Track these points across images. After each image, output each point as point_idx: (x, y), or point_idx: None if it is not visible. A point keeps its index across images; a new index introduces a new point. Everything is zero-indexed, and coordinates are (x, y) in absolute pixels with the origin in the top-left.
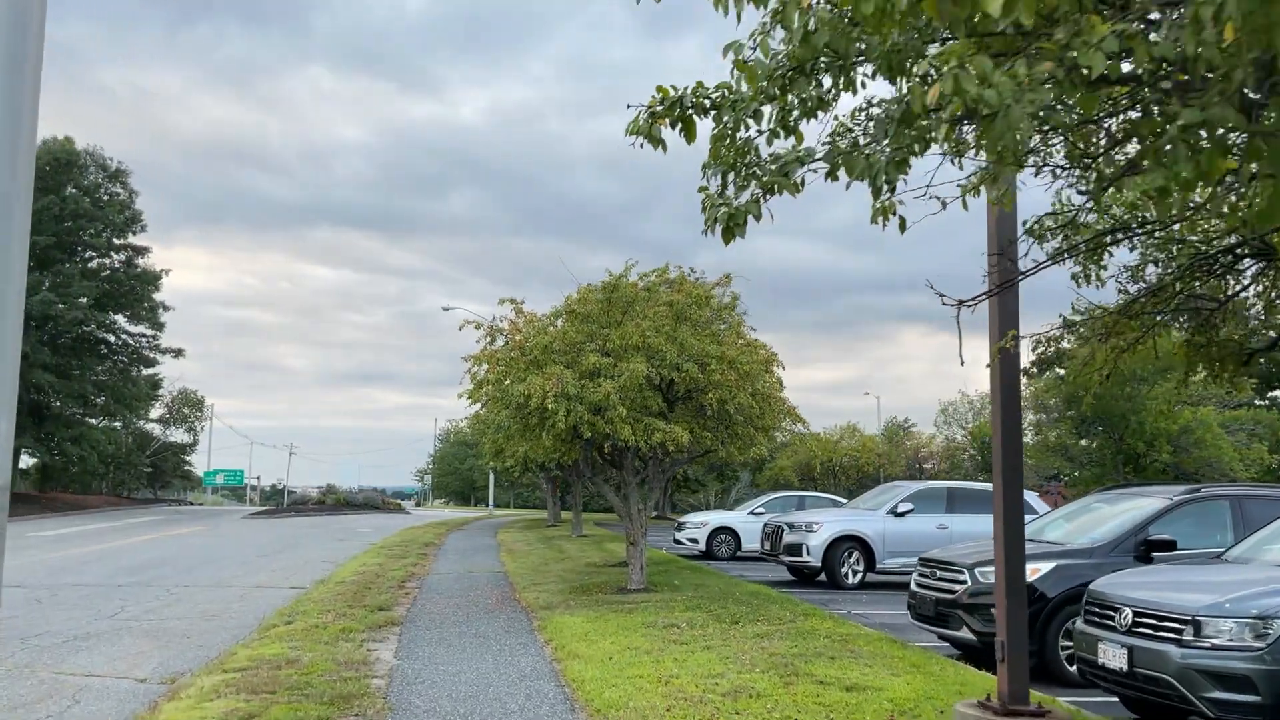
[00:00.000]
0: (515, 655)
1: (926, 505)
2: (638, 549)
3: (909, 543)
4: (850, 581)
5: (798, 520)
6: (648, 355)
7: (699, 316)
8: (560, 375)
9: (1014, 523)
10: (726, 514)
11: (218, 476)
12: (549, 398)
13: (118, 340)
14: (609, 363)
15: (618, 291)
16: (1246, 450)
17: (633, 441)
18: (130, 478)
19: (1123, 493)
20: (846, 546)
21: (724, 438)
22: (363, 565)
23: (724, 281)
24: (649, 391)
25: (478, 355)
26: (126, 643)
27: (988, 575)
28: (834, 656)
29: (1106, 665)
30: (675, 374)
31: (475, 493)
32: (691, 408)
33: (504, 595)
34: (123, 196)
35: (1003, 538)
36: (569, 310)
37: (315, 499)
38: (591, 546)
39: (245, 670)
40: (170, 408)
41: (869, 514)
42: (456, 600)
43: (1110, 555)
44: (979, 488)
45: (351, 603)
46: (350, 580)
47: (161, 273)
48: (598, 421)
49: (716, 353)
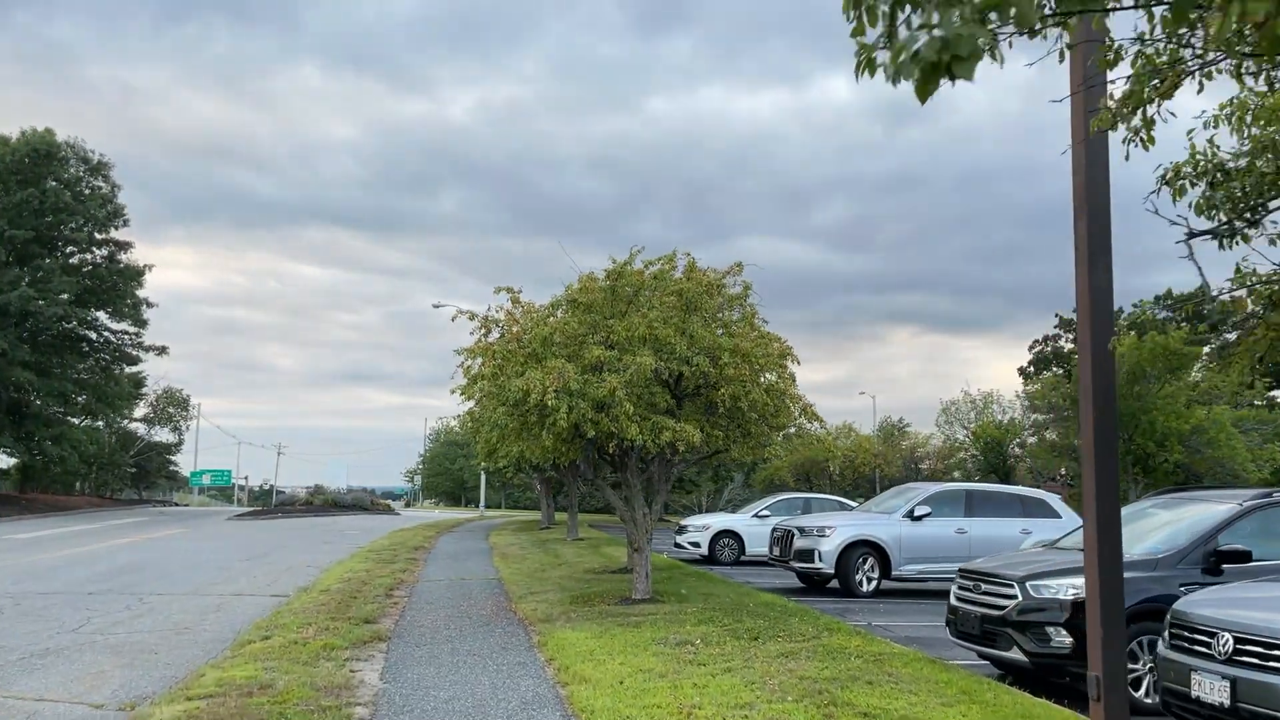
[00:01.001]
0: (514, 677)
1: (944, 508)
2: (642, 556)
3: (926, 548)
4: (865, 589)
5: (809, 524)
6: (655, 348)
7: (710, 306)
8: (562, 369)
9: (1109, 538)
10: (729, 516)
11: (204, 477)
12: (549, 393)
13: (99, 337)
14: (614, 356)
15: (623, 280)
16: (1259, 450)
17: (640, 441)
18: (113, 478)
19: (1179, 496)
20: (861, 552)
21: (736, 437)
22: (349, 571)
23: (735, 270)
24: (656, 387)
25: (472, 348)
26: (88, 660)
27: (1040, 590)
28: (872, 681)
29: (1202, 699)
30: (685, 368)
31: (466, 493)
32: (700, 405)
33: (499, 605)
34: (105, 190)
35: (1096, 555)
36: (570, 300)
37: (303, 500)
38: (589, 551)
39: (212, 697)
40: (155, 407)
41: (884, 518)
42: (448, 611)
43: (1177, 567)
44: (999, 490)
45: (335, 614)
46: (335, 588)
47: (144, 268)
48: (602, 419)
49: (729, 345)
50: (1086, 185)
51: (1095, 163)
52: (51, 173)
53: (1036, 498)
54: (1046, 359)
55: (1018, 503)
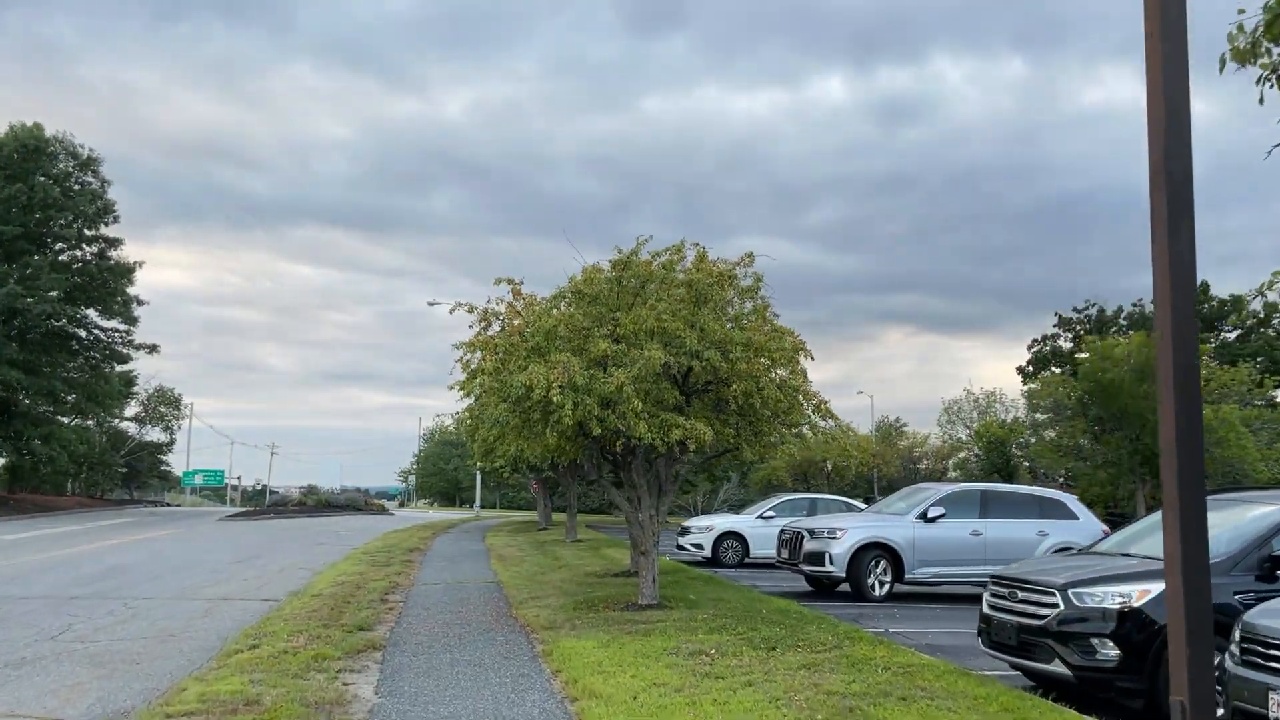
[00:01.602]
0: (520, 691)
1: (959, 509)
2: (649, 559)
3: (941, 551)
4: (877, 593)
5: (819, 526)
6: (664, 342)
7: (720, 299)
8: (567, 364)
9: (1194, 542)
10: (733, 517)
11: (196, 477)
12: (554, 389)
13: (89, 335)
14: (620, 350)
15: (629, 270)
16: (1269, 450)
17: (649, 439)
18: (104, 478)
19: (1223, 498)
20: (873, 555)
21: (747, 435)
22: (342, 574)
23: (746, 261)
24: (664, 383)
25: (471, 341)
26: (65, 670)
27: (1084, 598)
28: (905, 697)
29: None
30: (695, 363)
31: (461, 493)
32: (709, 402)
33: (499, 611)
34: (95, 186)
35: (1180, 562)
36: (575, 291)
37: (296, 500)
38: (589, 553)
39: (192, 715)
40: (146, 406)
41: (896, 519)
42: (446, 617)
43: (1231, 574)
44: (1015, 490)
45: (327, 621)
46: (328, 592)
47: (135, 265)
48: (609, 416)
49: (741, 339)
50: (1167, 139)
51: (1176, 111)
52: (40, 168)
53: (1053, 498)
54: (1046, 358)
55: (1034, 503)
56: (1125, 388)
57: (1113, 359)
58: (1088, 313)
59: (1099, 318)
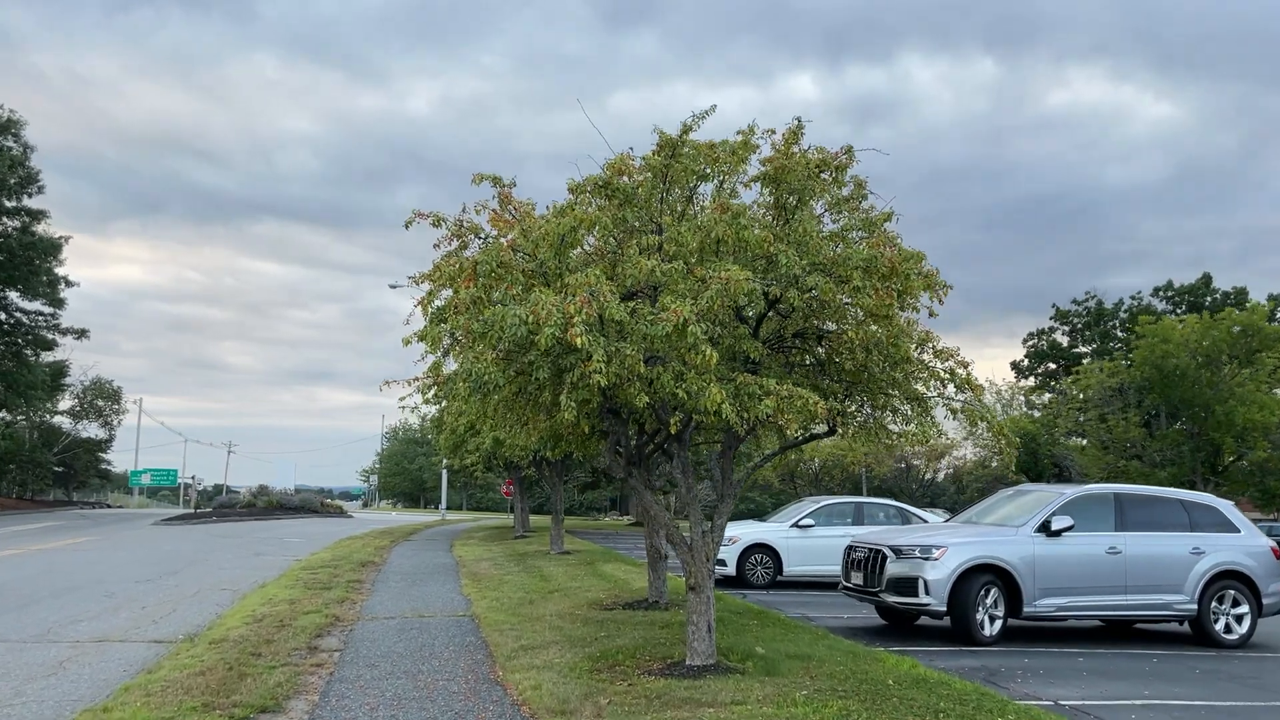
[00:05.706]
0: None
1: (1088, 519)
2: (702, 597)
3: (1069, 575)
4: (986, 632)
5: (907, 543)
6: (742, 264)
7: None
8: (595, 287)
9: None
10: (761, 526)
11: (144, 476)
12: (576, 327)
13: (9, 318)
14: (677, 268)
15: (680, 159)
16: None
17: (726, 414)
18: (34, 478)
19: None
20: (983, 582)
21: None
22: (268, 601)
23: (845, 158)
24: (741, 328)
25: (439, 265)
26: None
27: None
28: None
29: None
30: (792, 292)
31: (426, 494)
32: (796, 359)
33: (478, 671)
34: (15, 151)
35: None
36: (601, 185)
37: (244, 502)
38: (583, 569)
39: None
40: (81, 399)
41: (1008, 533)
42: (399, 683)
43: None
44: (1157, 494)
45: (215, 692)
46: (235, 635)
47: (61, 240)
48: (662, 376)
49: (865, 256)
50: None
51: None
52: None
53: (1205, 504)
54: (1043, 353)
55: (1181, 510)
56: (1189, 374)
57: (1174, 343)
58: (1087, 305)
59: (1098, 310)
